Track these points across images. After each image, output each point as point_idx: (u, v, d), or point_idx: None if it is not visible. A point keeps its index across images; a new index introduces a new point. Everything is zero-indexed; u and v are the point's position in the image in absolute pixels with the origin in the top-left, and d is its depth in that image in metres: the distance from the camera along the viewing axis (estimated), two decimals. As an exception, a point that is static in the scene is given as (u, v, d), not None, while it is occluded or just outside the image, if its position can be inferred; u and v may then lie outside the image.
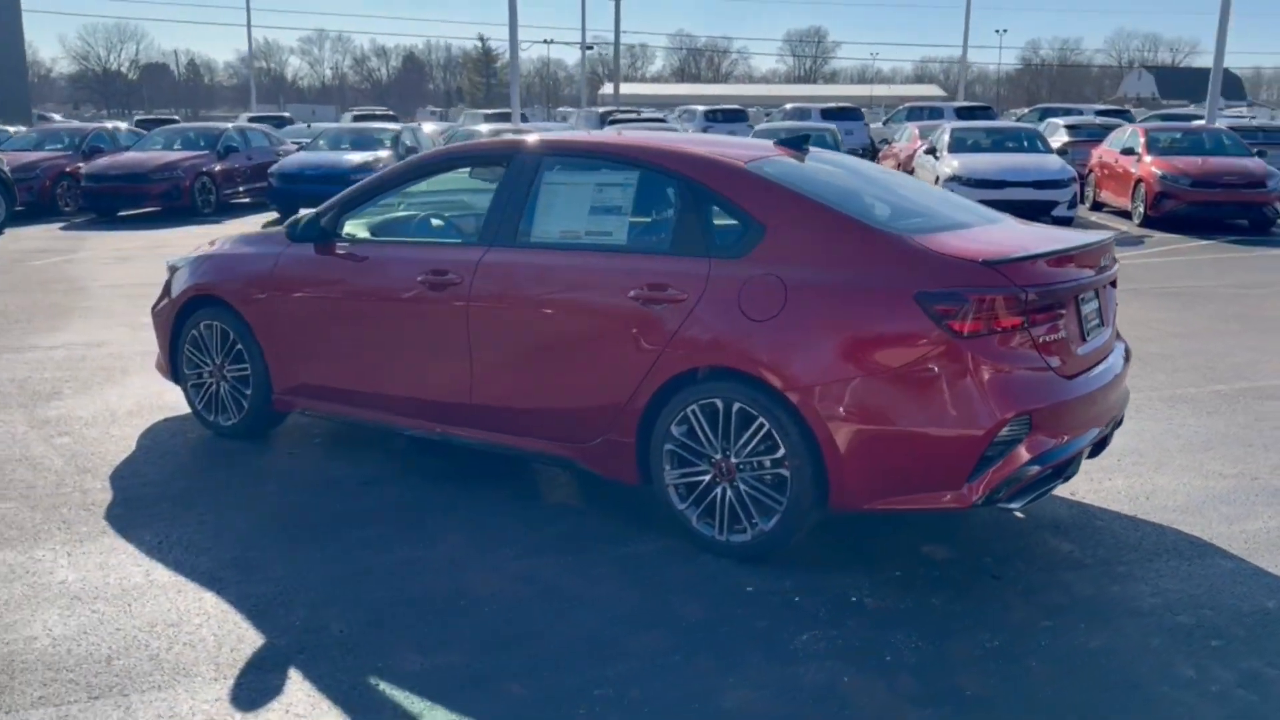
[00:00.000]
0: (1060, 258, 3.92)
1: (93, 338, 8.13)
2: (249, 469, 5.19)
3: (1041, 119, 28.76)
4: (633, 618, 3.67)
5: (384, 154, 17.72)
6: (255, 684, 3.24)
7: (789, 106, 31.92)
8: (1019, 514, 4.40)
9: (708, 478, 4.11)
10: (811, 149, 4.77)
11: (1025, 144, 17.12)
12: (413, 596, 3.83)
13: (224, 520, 4.54)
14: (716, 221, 4.21)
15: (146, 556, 4.16)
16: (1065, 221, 14.35)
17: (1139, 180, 15.97)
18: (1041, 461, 3.77)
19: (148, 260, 12.42)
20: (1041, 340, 3.81)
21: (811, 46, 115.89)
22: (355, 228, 5.23)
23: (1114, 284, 4.46)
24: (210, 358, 5.56)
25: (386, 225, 5.32)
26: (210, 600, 3.79)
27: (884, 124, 31.59)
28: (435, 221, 5.37)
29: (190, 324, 5.60)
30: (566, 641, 3.51)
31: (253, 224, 16.26)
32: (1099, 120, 21.53)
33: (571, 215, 4.58)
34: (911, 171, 18.37)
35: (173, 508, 4.68)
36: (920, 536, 4.33)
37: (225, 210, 18.16)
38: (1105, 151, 17.69)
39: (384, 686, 3.23)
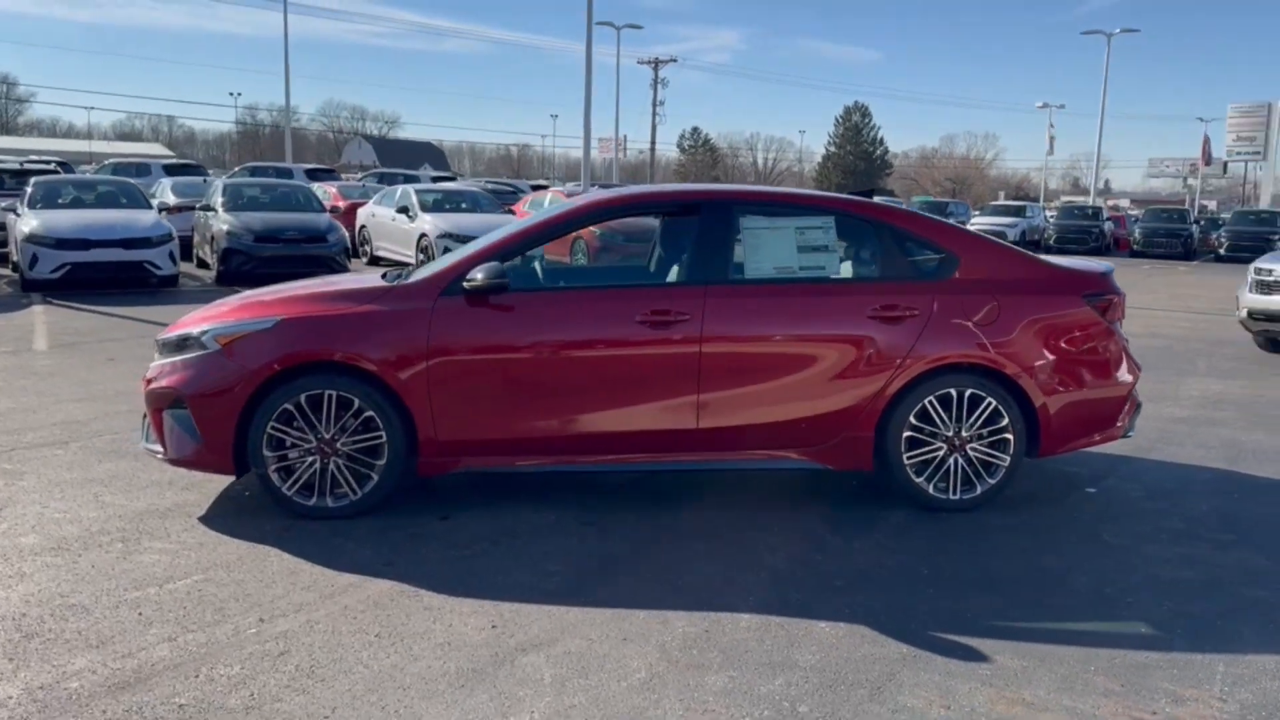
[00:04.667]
0: None
1: None
2: (463, 533, 4.91)
3: (381, 180, 30.78)
4: (1021, 554, 4.83)
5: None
6: (1030, 669, 3.80)
7: (115, 162, 29.56)
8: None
9: (941, 452, 5.31)
10: None
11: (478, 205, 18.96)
12: (873, 576, 4.49)
13: (575, 569, 4.48)
14: (914, 253, 5.43)
15: (651, 611, 4.09)
16: None
17: (577, 238, 18.81)
18: (1139, 403, 5.73)
19: None
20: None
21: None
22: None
23: None
24: (314, 433, 5.00)
25: (537, 273, 5.41)
26: (822, 626, 4.00)
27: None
28: (599, 265, 5.58)
29: (282, 397, 4.96)
30: (1047, 569, 4.57)
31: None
32: (490, 185, 24.26)
33: (780, 254, 5.36)
34: (362, 227, 19.25)
35: (504, 576, 4.44)
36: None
37: None
38: (529, 214, 20.32)
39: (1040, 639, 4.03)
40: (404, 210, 17.86)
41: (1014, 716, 3.32)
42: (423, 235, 17.20)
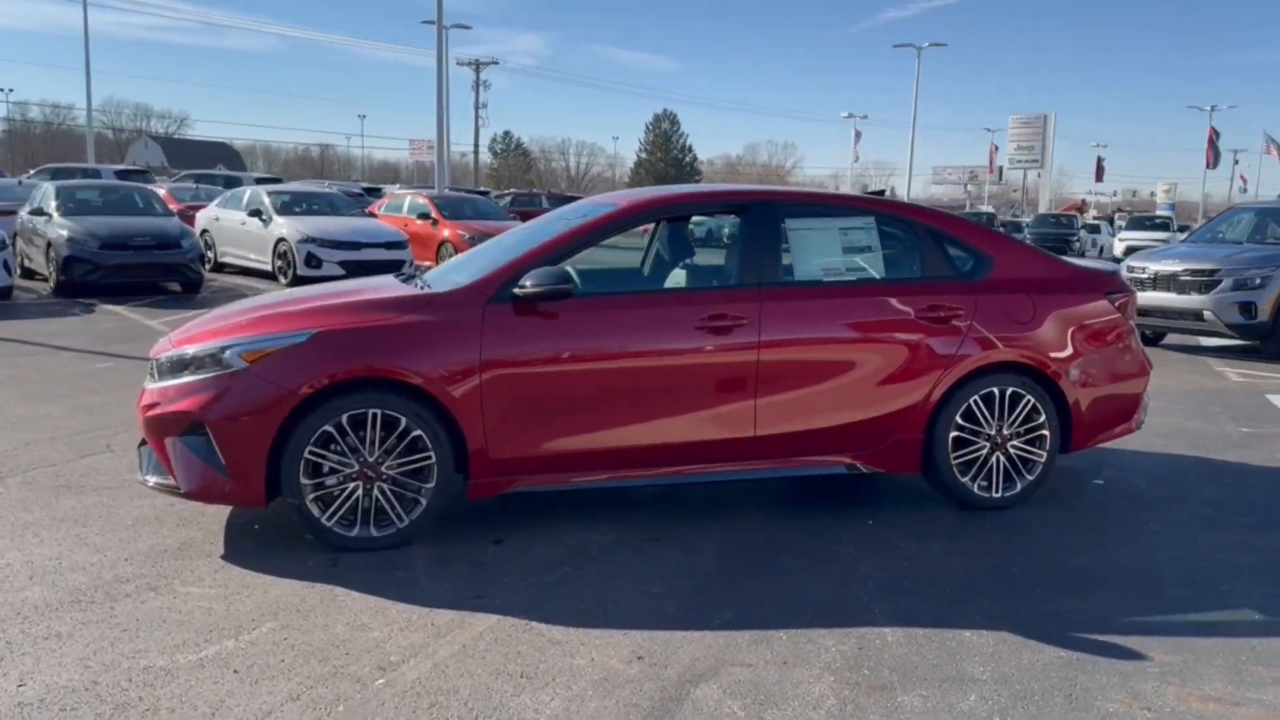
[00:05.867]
0: None
1: None
2: (530, 557, 4.56)
3: (198, 182, 29.15)
4: (1092, 549, 4.92)
5: None
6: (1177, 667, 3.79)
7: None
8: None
9: (984, 451, 5.35)
10: None
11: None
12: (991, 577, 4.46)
13: (676, 589, 4.24)
14: (952, 254, 5.44)
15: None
16: None
17: (444, 241, 18.30)
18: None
19: None
20: None
21: None
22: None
23: None
24: (356, 456, 4.57)
25: (575, 279, 5.13)
26: (967, 635, 3.90)
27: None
28: (640, 268, 5.33)
29: (321, 418, 4.51)
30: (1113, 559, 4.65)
31: None
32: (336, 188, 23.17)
33: (827, 255, 5.26)
34: (204, 232, 18.09)
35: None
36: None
37: None
38: (385, 217, 19.60)
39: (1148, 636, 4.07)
40: (256, 214, 16.81)
41: (1213, 714, 3.32)
42: (280, 240, 16.25)
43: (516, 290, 4.70)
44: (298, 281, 15.99)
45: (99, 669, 3.45)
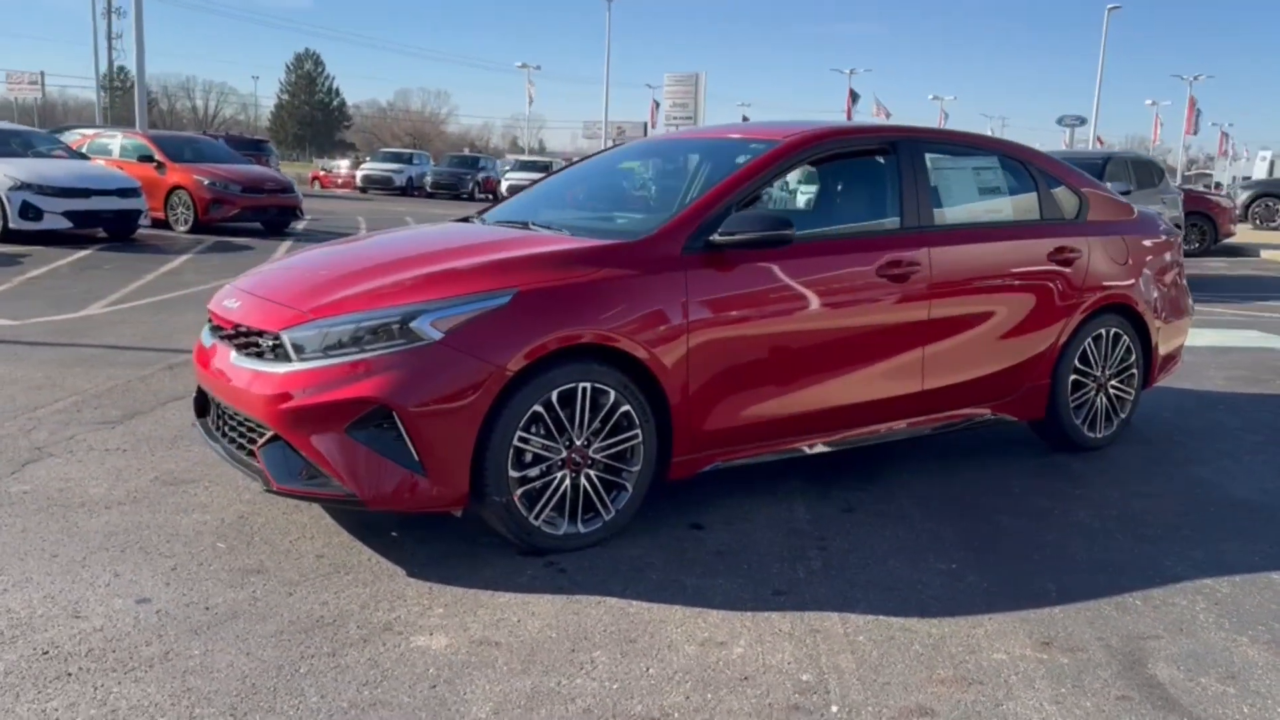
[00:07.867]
0: None
1: None
2: (759, 542, 3.97)
3: None
4: (1230, 482, 5.02)
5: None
6: None
7: None
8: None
9: (1092, 393, 5.41)
10: None
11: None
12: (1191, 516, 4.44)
13: (954, 562, 3.88)
14: (1059, 195, 5.38)
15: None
16: None
17: (176, 188, 16.15)
18: (1177, 335, 6.23)
19: None
20: None
21: None
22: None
23: None
24: (564, 439, 3.82)
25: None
26: (1276, 578, 3.81)
27: None
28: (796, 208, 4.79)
29: (530, 396, 3.67)
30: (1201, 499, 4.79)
31: None
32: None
33: (967, 197, 5.01)
34: None
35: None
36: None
37: None
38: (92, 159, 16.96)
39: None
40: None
41: None
42: (-14, 186, 13.52)
43: (717, 238, 4.05)
44: (8, 236, 13.47)
45: (484, 747, 2.56)
